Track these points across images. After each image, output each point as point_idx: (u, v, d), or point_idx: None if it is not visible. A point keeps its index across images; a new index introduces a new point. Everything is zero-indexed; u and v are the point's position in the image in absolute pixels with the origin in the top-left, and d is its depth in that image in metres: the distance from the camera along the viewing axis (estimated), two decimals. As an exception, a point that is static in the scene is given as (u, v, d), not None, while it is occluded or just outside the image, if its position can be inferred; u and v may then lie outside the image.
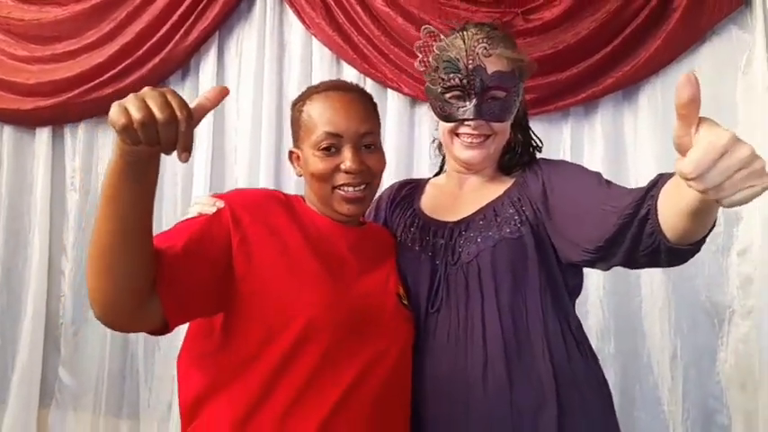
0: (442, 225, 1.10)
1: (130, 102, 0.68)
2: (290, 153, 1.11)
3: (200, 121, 0.78)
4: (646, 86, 2.07)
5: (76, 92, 2.41)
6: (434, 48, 1.10)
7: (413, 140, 2.28)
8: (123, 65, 2.37)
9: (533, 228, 1.02)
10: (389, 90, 2.25)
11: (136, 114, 0.66)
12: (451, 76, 1.06)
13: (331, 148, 1.01)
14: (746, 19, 1.97)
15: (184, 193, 2.39)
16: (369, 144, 1.03)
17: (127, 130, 0.67)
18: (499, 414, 0.95)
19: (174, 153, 0.72)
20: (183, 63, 2.41)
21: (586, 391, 1.00)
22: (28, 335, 2.42)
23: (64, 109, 2.44)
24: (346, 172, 1.00)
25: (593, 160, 2.12)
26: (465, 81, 1.04)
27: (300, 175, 1.10)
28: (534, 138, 1.24)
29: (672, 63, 2.01)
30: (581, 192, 0.99)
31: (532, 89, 2.08)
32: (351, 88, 1.08)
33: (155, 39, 2.35)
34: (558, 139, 2.17)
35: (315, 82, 2.27)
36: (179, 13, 2.33)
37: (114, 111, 0.68)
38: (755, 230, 1.97)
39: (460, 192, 1.17)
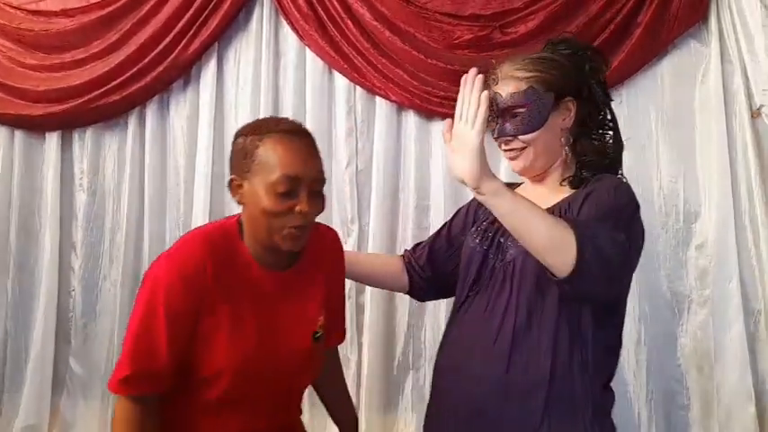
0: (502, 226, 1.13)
1: None
2: (231, 181, 1.11)
3: None
4: (612, 94, 2.22)
5: (84, 99, 2.52)
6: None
7: (399, 144, 2.42)
8: (128, 73, 2.49)
9: None
10: (377, 97, 2.41)
11: None
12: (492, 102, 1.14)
13: (289, 192, 1.03)
14: (703, 34, 2.15)
15: (186, 195, 2.52)
16: (318, 189, 1.08)
17: None
18: (493, 386, 1.06)
19: (178, 157, 0.90)
20: (185, 72, 2.53)
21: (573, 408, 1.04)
22: (40, 327, 2.53)
23: (72, 115, 2.55)
24: (301, 214, 1.04)
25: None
26: (493, 105, 1.14)
27: (241, 204, 1.11)
28: (603, 149, 1.20)
29: (636, 73, 2.18)
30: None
31: (509, 97, 2.25)
32: (306, 133, 1.11)
33: (158, 49, 2.47)
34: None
35: (309, 90, 2.49)
36: (181, 24, 2.45)
37: None
38: (711, 226, 2.15)
39: (527, 197, 1.17)
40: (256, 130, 1.09)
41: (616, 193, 1.09)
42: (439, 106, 2.31)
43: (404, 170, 2.41)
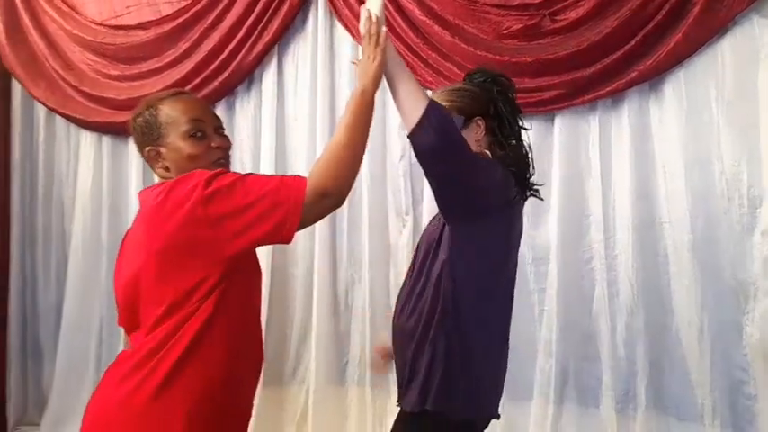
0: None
1: None
2: (148, 152, 1.20)
3: None
4: (670, 77, 2.13)
5: (160, 105, 2.77)
6: None
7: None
8: (198, 79, 2.67)
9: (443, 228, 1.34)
10: (429, 92, 2.45)
11: None
12: None
13: (198, 133, 1.18)
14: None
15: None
16: (221, 127, 1.24)
17: None
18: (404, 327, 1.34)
19: (244, 156, 1.01)
20: (248, 75, 2.68)
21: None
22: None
23: (151, 120, 2.82)
24: (218, 148, 1.20)
25: (621, 150, 2.22)
26: None
27: (165, 168, 1.19)
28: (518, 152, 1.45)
29: (694, 54, 2.09)
30: None
31: (558, 85, 2.22)
32: (189, 92, 1.30)
33: (223, 55, 2.63)
34: (586, 131, 2.28)
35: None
36: (243, 31, 2.59)
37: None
38: (777, 212, 2.04)
39: None
40: (148, 105, 1.21)
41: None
42: (489, 97, 2.33)
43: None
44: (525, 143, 1.42)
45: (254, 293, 1.25)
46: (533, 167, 1.41)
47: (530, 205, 2.30)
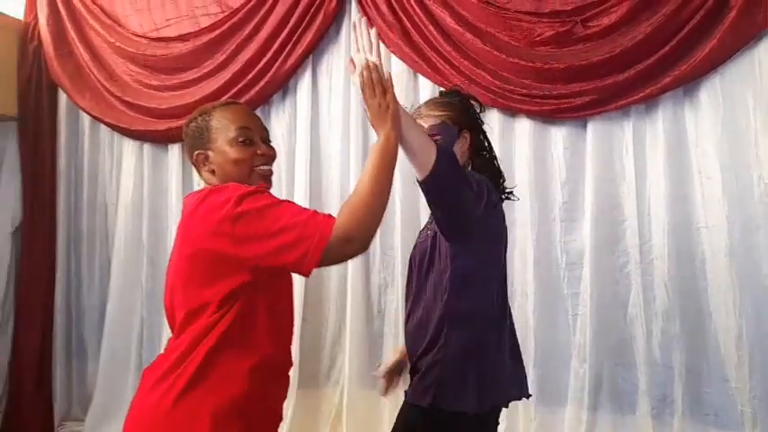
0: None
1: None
2: (197, 156, 1.24)
3: None
4: (705, 83, 2.12)
5: (199, 114, 2.86)
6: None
7: (484, 141, 2.50)
8: (235, 89, 2.74)
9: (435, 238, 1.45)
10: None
11: None
12: None
13: (245, 139, 1.22)
14: (808, 10, 2.00)
15: (288, 197, 2.76)
16: (267, 138, 1.28)
17: None
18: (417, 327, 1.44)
19: (279, 163, 1.05)
20: (283, 84, 2.74)
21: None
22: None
23: (190, 128, 2.91)
24: (263, 156, 1.24)
25: (656, 156, 2.22)
26: None
27: (211, 172, 1.23)
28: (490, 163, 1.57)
29: (730, 59, 2.07)
30: None
31: (591, 91, 2.23)
32: (241, 103, 1.36)
33: (259, 65, 2.70)
34: (620, 137, 2.28)
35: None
36: (279, 42, 2.66)
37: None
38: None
39: None
40: (202, 112, 1.28)
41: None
42: (521, 103, 2.34)
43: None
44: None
45: (283, 299, 1.24)
46: (503, 175, 1.56)
47: (563, 211, 2.36)
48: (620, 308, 2.28)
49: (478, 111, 1.56)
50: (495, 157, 1.56)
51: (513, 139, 2.42)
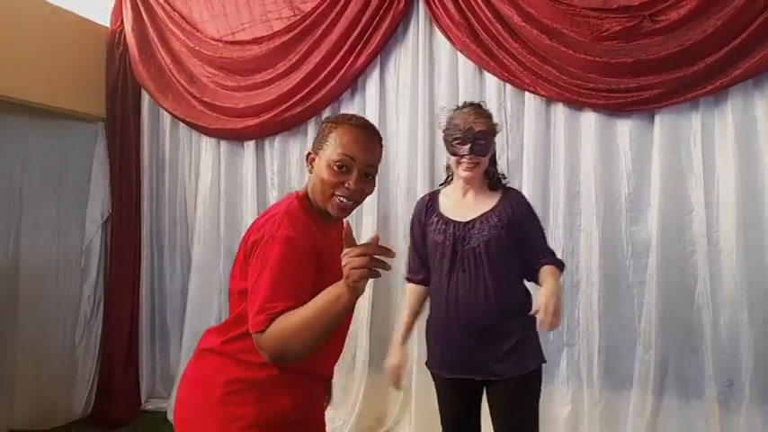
0: (458, 223, 1.75)
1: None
2: (308, 154, 1.31)
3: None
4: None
5: (273, 113, 2.99)
6: (446, 117, 1.80)
7: (549, 135, 2.53)
8: (307, 89, 2.88)
9: (507, 230, 1.71)
10: (526, 93, 2.56)
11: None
12: (456, 132, 1.72)
13: (343, 167, 1.23)
14: None
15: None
16: (369, 174, 1.26)
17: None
18: (485, 321, 1.68)
19: None
20: (353, 83, 2.87)
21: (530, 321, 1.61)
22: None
23: (264, 127, 3.04)
24: (348, 189, 1.23)
25: (725, 147, 2.24)
26: (463, 135, 1.71)
27: (310, 172, 1.30)
28: (499, 171, 1.88)
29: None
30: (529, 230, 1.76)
31: (659, 84, 2.27)
32: (373, 130, 1.31)
33: (330, 66, 2.84)
34: (688, 129, 2.30)
35: (461, 91, 2.71)
36: (349, 43, 2.78)
37: (360, 276, 1.01)
38: None
39: (464, 200, 1.80)
40: (337, 119, 1.31)
41: (532, 210, 1.81)
42: (587, 97, 2.39)
43: (554, 159, 2.53)
44: None
45: None
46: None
47: (629, 202, 2.41)
48: (687, 296, 2.32)
49: None
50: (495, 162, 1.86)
51: (580, 132, 2.48)
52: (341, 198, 1.24)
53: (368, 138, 1.29)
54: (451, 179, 1.86)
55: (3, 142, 3.00)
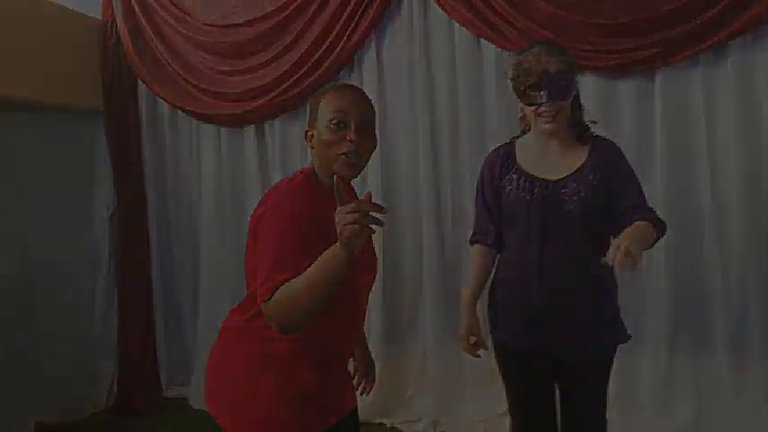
0: (546, 182, 1.54)
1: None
2: (306, 132, 1.33)
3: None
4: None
5: (272, 95, 2.96)
6: (512, 64, 1.55)
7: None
8: (305, 68, 2.85)
9: (601, 188, 1.51)
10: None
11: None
12: (529, 77, 1.49)
13: (340, 123, 1.23)
14: None
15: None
16: (366, 128, 1.26)
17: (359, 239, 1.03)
18: (577, 297, 1.53)
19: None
20: (349, 60, 2.83)
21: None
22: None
23: (263, 110, 3.02)
24: (350, 141, 1.23)
25: (727, 103, 2.24)
26: (538, 79, 1.47)
27: (312, 148, 1.30)
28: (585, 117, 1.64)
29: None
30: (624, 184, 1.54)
31: (656, 44, 2.25)
32: (356, 88, 1.37)
33: (325, 44, 2.80)
34: (691, 88, 2.29)
35: (459, 60, 2.69)
36: (343, 19, 2.75)
37: (352, 232, 1.01)
38: None
39: (549, 150, 1.57)
40: (321, 91, 1.34)
41: (627, 164, 1.57)
42: (586, 60, 2.37)
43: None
44: None
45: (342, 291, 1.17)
46: None
47: (633, 162, 2.40)
48: (696, 254, 2.34)
49: None
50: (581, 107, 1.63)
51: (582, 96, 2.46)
52: (345, 154, 1.24)
53: (355, 94, 1.31)
54: (529, 129, 1.62)
55: (3, 142, 2.99)
